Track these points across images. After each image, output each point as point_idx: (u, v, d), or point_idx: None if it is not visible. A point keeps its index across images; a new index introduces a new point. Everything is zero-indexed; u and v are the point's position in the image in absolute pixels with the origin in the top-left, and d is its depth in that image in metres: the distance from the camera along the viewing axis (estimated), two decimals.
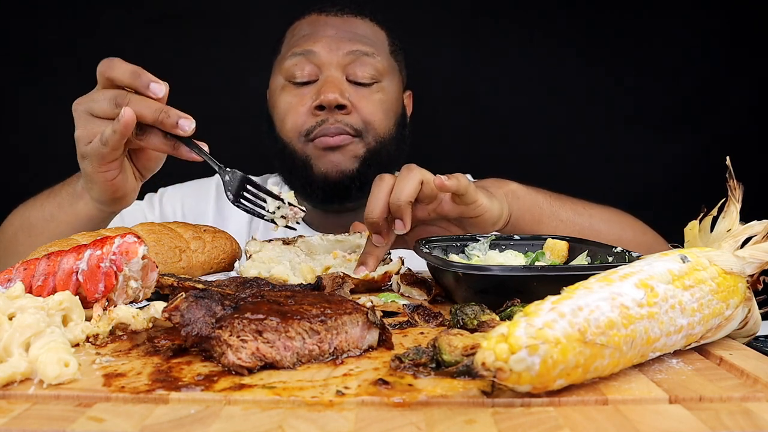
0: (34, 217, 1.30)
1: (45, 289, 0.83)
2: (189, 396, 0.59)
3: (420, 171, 1.09)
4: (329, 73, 1.54)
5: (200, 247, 1.14)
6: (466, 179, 1.10)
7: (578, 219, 1.38)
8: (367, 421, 0.54)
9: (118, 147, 1.07)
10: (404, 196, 1.07)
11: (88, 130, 1.09)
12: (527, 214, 1.32)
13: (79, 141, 1.11)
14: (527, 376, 0.55)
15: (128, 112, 1.02)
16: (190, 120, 1.07)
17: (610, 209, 1.44)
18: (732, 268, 0.73)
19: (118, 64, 1.08)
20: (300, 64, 1.56)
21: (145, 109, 1.05)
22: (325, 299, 0.75)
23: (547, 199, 1.37)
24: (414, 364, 0.65)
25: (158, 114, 1.05)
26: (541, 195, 1.36)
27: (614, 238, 1.31)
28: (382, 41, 1.64)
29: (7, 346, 0.64)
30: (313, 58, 1.55)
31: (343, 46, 1.56)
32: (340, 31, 1.59)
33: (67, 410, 0.56)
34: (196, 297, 0.69)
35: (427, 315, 0.86)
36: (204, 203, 1.74)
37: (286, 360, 0.66)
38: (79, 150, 1.12)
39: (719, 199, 0.83)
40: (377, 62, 1.58)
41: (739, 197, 0.83)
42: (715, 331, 0.72)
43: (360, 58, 1.56)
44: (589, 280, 0.64)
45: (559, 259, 1.09)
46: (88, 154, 1.10)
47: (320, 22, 1.61)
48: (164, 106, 1.07)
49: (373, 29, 1.65)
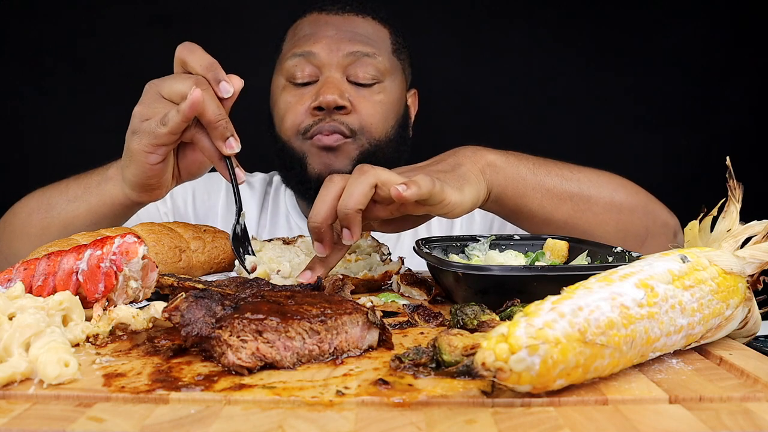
0: (55, 198, 1.27)
1: (45, 289, 0.83)
2: (189, 396, 0.59)
3: (374, 173, 0.97)
4: (329, 74, 1.54)
5: (200, 247, 1.14)
6: (428, 181, 0.98)
7: (566, 185, 1.27)
8: (367, 421, 0.54)
9: (176, 131, 1.06)
10: (352, 203, 0.95)
11: (150, 108, 1.08)
12: (509, 189, 1.22)
13: (135, 116, 1.09)
14: (527, 376, 0.55)
15: (198, 94, 1.01)
16: (237, 143, 1.07)
17: (599, 171, 1.34)
18: (732, 268, 0.73)
19: (198, 52, 1.07)
20: (300, 65, 1.55)
21: (211, 106, 1.04)
22: (325, 299, 0.75)
23: (530, 167, 1.25)
24: (414, 364, 0.65)
25: (220, 118, 1.05)
26: (523, 163, 1.25)
27: (606, 201, 1.28)
28: (384, 40, 1.63)
29: (7, 346, 0.64)
30: (313, 59, 1.55)
31: (344, 47, 1.55)
32: (340, 31, 1.58)
33: (67, 410, 0.56)
34: (196, 297, 0.69)
35: (427, 315, 0.86)
36: (215, 197, 1.74)
37: (286, 360, 0.66)
38: (133, 125, 1.09)
39: (719, 199, 0.83)
40: (378, 62, 1.57)
41: (739, 197, 0.83)
42: (715, 331, 0.72)
43: (360, 59, 1.55)
44: (589, 280, 0.64)
45: (559, 259, 1.09)
46: (141, 131, 1.08)
47: (321, 22, 1.61)
48: (226, 117, 1.06)
49: (375, 28, 1.64)
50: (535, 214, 1.27)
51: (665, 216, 1.36)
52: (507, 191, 1.22)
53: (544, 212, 1.26)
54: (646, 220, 1.32)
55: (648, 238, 1.31)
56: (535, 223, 1.29)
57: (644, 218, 1.32)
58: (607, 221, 1.29)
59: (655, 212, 1.35)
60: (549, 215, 1.27)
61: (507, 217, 1.31)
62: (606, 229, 1.29)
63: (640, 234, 1.31)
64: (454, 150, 1.22)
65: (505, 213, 1.28)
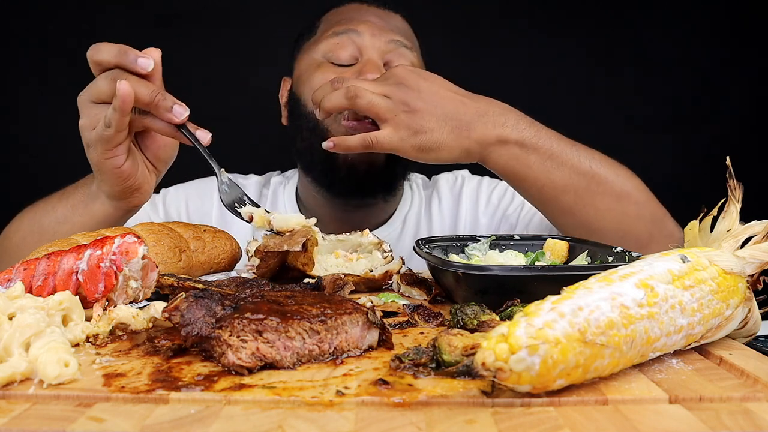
0: (45, 220, 1.28)
1: (45, 289, 0.83)
2: (189, 396, 0.59)
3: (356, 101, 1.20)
4: (370, 57, 1.50)
5: (200, 247, 1.14)
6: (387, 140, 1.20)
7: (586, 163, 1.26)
8: (367, 421, 0.54)
9: (122, 127, 1.06)
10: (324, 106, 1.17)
11: (90, 118, 1.09)
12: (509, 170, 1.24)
13: (83, 130, 1.10)
14: (527, 376, 0.55)
15: (124, 85, 1.02)
16: (185, 108, 1.06)
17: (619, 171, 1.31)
18: (732, 268, 0.73)
19: (104, 46, 1.07)
20: (342, 42, 1.51)
21: (141, 89, 1.04)
22: (325, 299, 0.75)
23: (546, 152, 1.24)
24: (414, 364, 0.65)
25: (154, 95, 1.05)
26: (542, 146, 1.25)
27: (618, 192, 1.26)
28: (415, 41, 1.63)
29: (7, 346, 0.64)
30: (357, 39, 1.51)
31: (386, 35, 1.53)
32: (382, 20, 1.57)
33: (67, 410, 0.56)
34: (196, 297, 0.69)
35: (427, 315, 0.86)
36: (208, 203, 1.73)
37: (286, 360, 0.66)
38: (85, 139, 1.11)
39: (719, 199, 0.83)
40: (414, 57, 1.56)
41: (739, 197, 0.83)
42: (715, 331, 0.72)
43: (399, 49, 1.53)
44: (589, 280, 0.64)
45: (559, 259, 1.09)
46: (93, 141, 1.09)
47: (362, 10, 1.60)
48: (162, 90, 1.06)
49: (409, 28, 1.64)
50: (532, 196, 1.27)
51: (671, 227, 1.32)
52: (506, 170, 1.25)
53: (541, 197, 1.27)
54: (651, 227, 1.30)
55: (651, 245, 1.27)
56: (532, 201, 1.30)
57: (650, 224, 1.30)
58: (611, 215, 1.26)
59: (663, 221, 1.32)
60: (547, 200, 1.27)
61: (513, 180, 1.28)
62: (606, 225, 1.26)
63: (643, 238, 1.28)
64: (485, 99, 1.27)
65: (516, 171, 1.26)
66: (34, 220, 1.30)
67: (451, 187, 1.75)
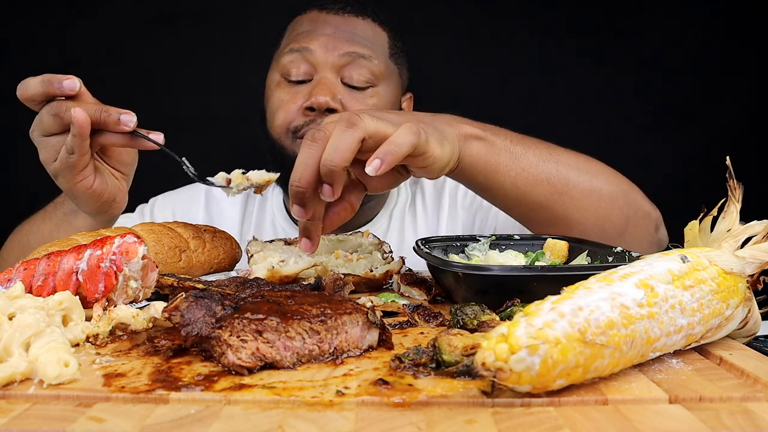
0: (32, 241, 1.30)
1: (45, 289, 0.83)
2: (189, 396, 0.59)
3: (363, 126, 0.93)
4: (323, 74, 1.52)
5: (200, 247, 1.14)
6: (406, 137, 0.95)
7: (543, 166, 1.23)
8: (367, 421, 0.54)
9: (84, 150, 1.08)
10: (338, 160, 0.90)
11: (48, 150, 1.11)
12: (480, 162, 1.18)
13: (46, 163, 1.13)
14: (527, 376, 0.55)
15: (78, 111, 1.04)
16: (131, 115, 1.07)
17: (581, 155, 1.29)
18: (732, 268, 0.73)
19: (29, 82, 1.09)
20: (296, 61, 1.54)
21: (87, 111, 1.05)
22: (325, 299, 0.75)
23: (506, 143, 1.21)
24: (414, 364, 0.65)
25: (99, 114, 1.06)
26: (500, 138, 1.21)
27: (586, 186, 1.24)
28: (381, 43, 1.61)
29: (7, 346, 0.64)
30: (309, 57, 1.53)
31: (340, 47, 1.53)
32: (338, 31, 1.56)
33: (67, 410, 0.56)
34: (196, 297, 0.69)
35: (427, 315, 0.86)
36: (195, 209, 1.75)
37: (286, 360, 0.66)
38: (50, 171, 1.14)
39: (719, 199, 0.83)
40: (374, 66, 1.55)
41: (739, 197, 0.83)
42: (715, 331, 0.72)
43: (356, 61, 1.53)
44: (589, 280, 0.64)
45: (559, 259, 1.09)
46: (59, 170, 1.11)
47: (320, 20, 1.59)
48: (103, 106, 1.08)
49: (374, 30, 1.62)
50: (507, 192, 1.23)
51: (647, 207, 1.32)
52: (478, 164, 1.18)
53: (517, 191, 1.23)
54: (626, 210, 1.28)
55: (628, 228, 1.27)
56: (507, 201, 1.26)
57: (625, 208, 1.28)
58: (587, 207, 1.25)
59: (637, 202, 1.31)
60: (522, 195, 1.23)
61: (478, 191, 1.27)
62: (585, 215, 1.25)
63: (620, 223, 1.27)
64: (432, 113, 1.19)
65: (475, 186, 1.25)
66: (23, 242, 1.34)
67: (434, 183, 1.77)
